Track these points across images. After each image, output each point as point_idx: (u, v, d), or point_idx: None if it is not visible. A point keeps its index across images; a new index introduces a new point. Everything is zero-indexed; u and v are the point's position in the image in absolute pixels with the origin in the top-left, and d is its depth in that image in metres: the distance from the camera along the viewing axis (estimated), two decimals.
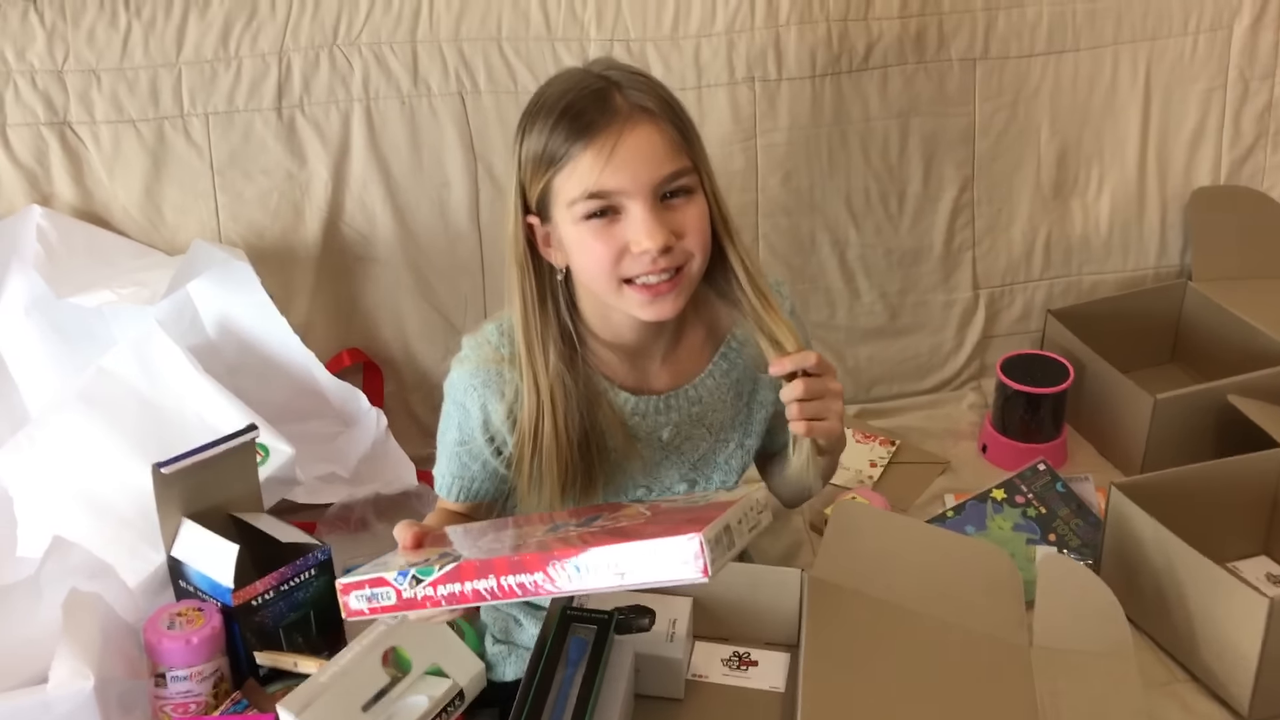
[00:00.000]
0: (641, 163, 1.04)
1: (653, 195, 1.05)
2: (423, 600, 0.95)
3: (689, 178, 1.07)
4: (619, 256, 1.06)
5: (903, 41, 1.71)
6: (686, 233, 1.07)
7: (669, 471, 1.24)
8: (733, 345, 1.22)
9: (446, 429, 1.22)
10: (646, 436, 1.20)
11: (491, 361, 1.16)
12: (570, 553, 0.87)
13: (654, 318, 1.10)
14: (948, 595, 1.26)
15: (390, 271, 1.64)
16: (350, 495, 1.57)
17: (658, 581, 0.86)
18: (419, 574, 0.95)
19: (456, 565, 0.93)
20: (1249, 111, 1.85)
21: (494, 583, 0.91)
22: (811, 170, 1.73)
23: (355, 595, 0.99)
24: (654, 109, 1.05)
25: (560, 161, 1.05)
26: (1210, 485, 1.41)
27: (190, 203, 1.56)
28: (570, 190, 1.05)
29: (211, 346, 1.57)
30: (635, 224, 1.05)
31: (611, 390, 1.18)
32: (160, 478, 1.29)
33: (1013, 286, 1.86)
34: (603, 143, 1.03)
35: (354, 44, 1.56)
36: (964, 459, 1.72)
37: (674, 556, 0.84)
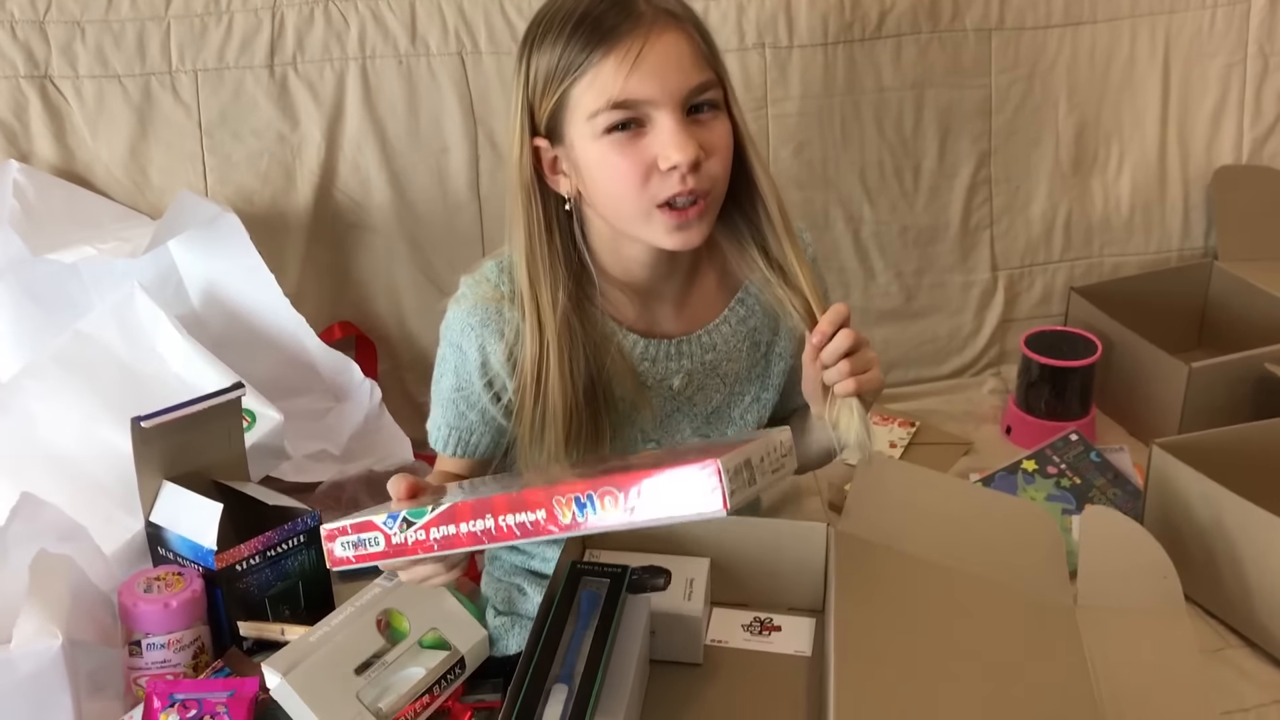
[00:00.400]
0: (670, 70, 0.97)
1: (681, 106, 0.98)
2: (414, 545, 0.87)
3: (715, 91, 1.01)
4: (647, 174, 0.99)
5: (916, 9, 1.66)
6: (714, 151, 1.00)
7: (680, 423, 1.16)
8: (750, 291, 1.15)
9: (442, 374, 1.14)
10: (656, 384, 1.13)
11: (490, 299, 1.08)
12: (576, 487, 0.81)
13: (679, 246, 1.02)
14: (985, 552, 1.17)
15: (385, 241, 1.57)
16: (341, 473, 1.48)
17: (672, 517, 0.79)
18: (410, 516, 0.88)
19: (451, 505, 0.85)
20: (1270, 88, 1.80)
21: (491, 523, 0.84)
22: (825, 142, 1.67)
23: (341, 542, 0.91)
24: (680, 14, 0.99)
25: (578, 70, 0.97)
26: (1253, 446, 1.34)
27: (177, 164, 1.49)
28: (590, 101, 0.98)
29: (196, 318, 1.50)
30: (663, 136, 0.97)
31: (620, 333, 1.10)
32: (140, 433, 1.21)
33: (1032, 268, 1.79)
34: (627, 48, 0.96)
35: (350, 0, 1.50)
36: (987, 440, 1.64)
37: (690, 487, 0.77)
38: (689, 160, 0.97)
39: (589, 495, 0.80)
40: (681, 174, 0.98)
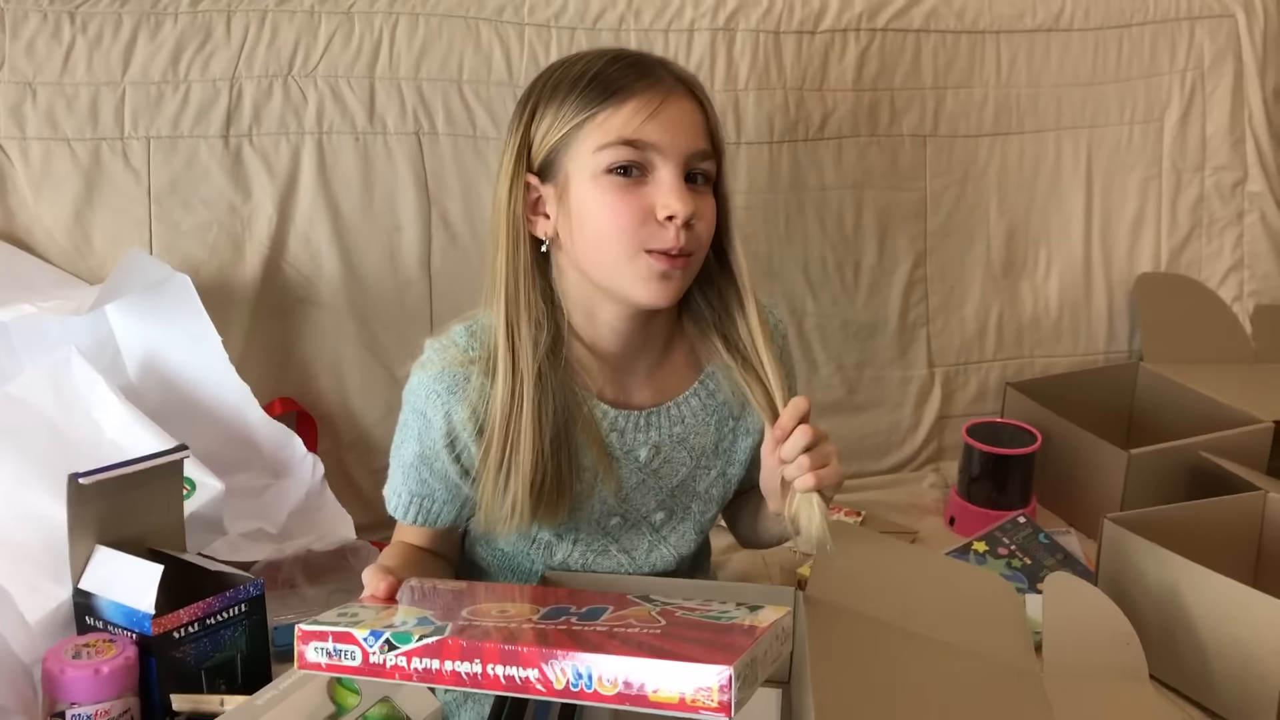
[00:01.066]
0: (682, 129, 1.01)
1: (684, 166, 1.01)
2: (391, 670, 0.83)
3: (712, 165, 1.05)
4: (642, 220, 1.00)
5: (856, 114, 1.73)
6: (702, 218, 1.03)
7: (645, 497, 1.14)
8: (720, 365, 1.15)
9: (404, 441, 1.11)
10: (623, 455, 1.11)
11: (458, 364, 1.06)
12: (574, 651, 0.78)
13: (655, 299, 1.03)
14: (954, 621, 1.17)
15: (332, 317, 1.54)
16: (278, 552, 1.42)
17: (667, 712, 0.76)
18: (394, 639, 0.83)
19: (439, 640, 0.81)
20: (1183, 202, 1.90)
21: (479, 669, 0.80)
22: (770, 236, 1.71)
23: (315, 646, 0.86)
24: (696, 91, 1.05)
25: (593, 110, 1.00)
26: (1200, 523, 1.36)
27: (123, 231, 1.46)
28: (600, 136, 1.00)
29: (132, 389, 1.44)
30: (664, 188, 1.00)
31: (590, 401, 1.09)
32: (77, 489, 1.15)
33: (967, 366, 1.83)
34: (649, 98, 1.00)
35: (310, 75, 1.51)
36: (932, 530, 1.65)
37: (695, 684, 0.74)
38: (687, 214, 1.00)
39: (589, 669, 0.77)
40: (677, 226, 1.00)
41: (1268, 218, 1.94)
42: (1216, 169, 1.91)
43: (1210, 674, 1.21)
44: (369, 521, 1.54)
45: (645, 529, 1.16)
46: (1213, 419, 1.64)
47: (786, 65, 1.70)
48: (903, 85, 1.75)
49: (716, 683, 0.74)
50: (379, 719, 1.06)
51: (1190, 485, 1.54)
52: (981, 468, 1.63)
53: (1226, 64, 1.90)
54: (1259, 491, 1.41)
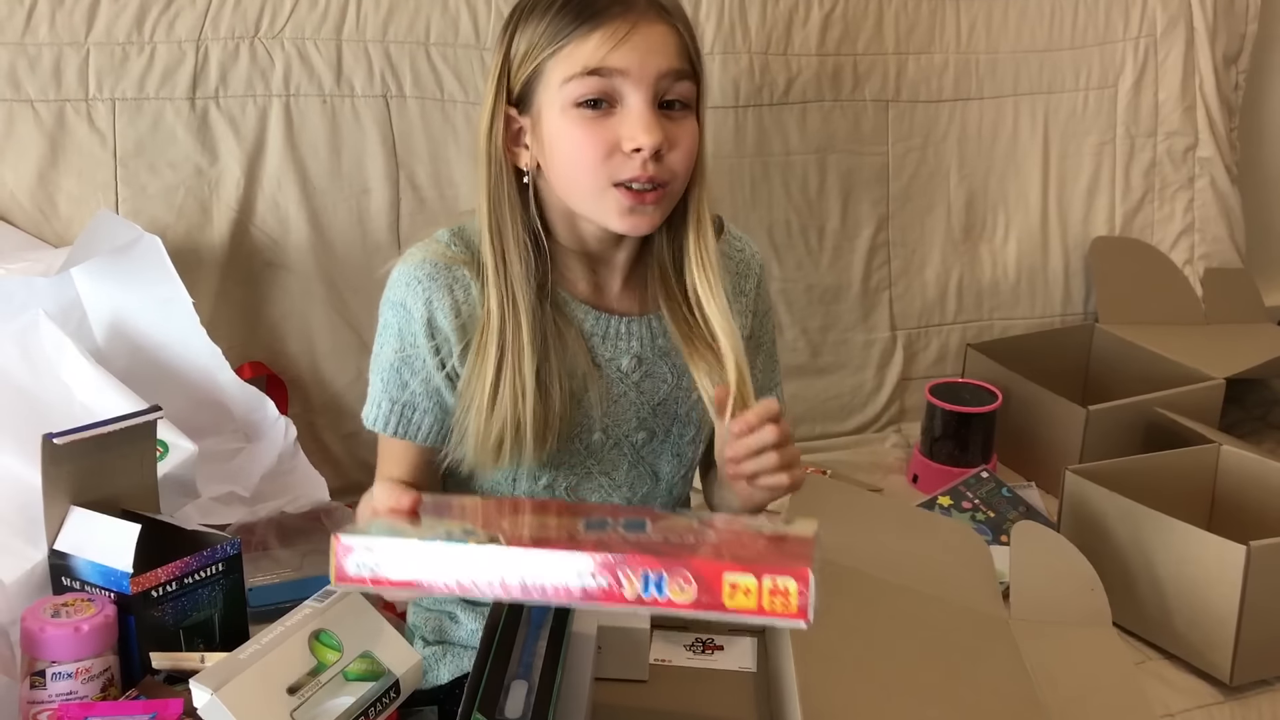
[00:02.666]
0: (652, 52, 0.98)
1: (654, 91, 0.99)
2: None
3: (689, 87, 1.02)
4: (609, 153, 0.99)
5: (820, 78, 1.75)
6: (677, 146, 1.01)
7: (627, 411, 1.13)
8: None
9: (383, 344, 1.10)
10: (605, 363, 1.11)
11: (441, 257, 1.06)
12: (646, 562, 0.75)
13: (629, 230, 1.02)
14: (923, 568, 1.20)
15: (301, 281, 1.54)
16: (251, 515, 1.42)
17: (751, 621, 0.74)
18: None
19: (500, 548, 0.78)
20: (1137, 167, 1.95)
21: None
22: (735, 200, 1.73)
23: (355, 560, 0.82)
24: (671, 9, 1.02)
25: (563, 40, 0.99)
26: (1158, 474, 1.41)
27: (88, 194, 1.44)
28: (567, 67, 0.99)
29: (99, 353, 1.43)
30: (632, 118, 0.98)
31: (573, 303, 1.09)
32: (51, 450, 1.14)
33: (928, 329, 1.87)
34: (617, 25, 0.98)
35: (276, 37, 1.50)
36: (895, 488, 1.68)
37: (774, 590, 0.73)
38: (653, 144, 0.98)
39: (660, 575, 0.74)
40: (644, 159, 0.98)
41: (1217, 183, 1.99)
42: (1169, 134, 1.96)
43: (1170, 617, 1.26)
44: (340, 485, 1.54)
45: (626, 449, 1.15)
46: (1166, 377, 1.69)
47: (751, 29, 1.71)
48: (865, 50, 1.78)
49: (796, 587, 0.73)
50: (360, 673, 1.07)
51: (1146, 440, 1.58)
52: (944, 426, 1.66)
53: (1178, 31, 1.94)
54: (1213, 445, 1.46)
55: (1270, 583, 1.19)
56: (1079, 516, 1.34)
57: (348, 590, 1.11)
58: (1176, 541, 1.23)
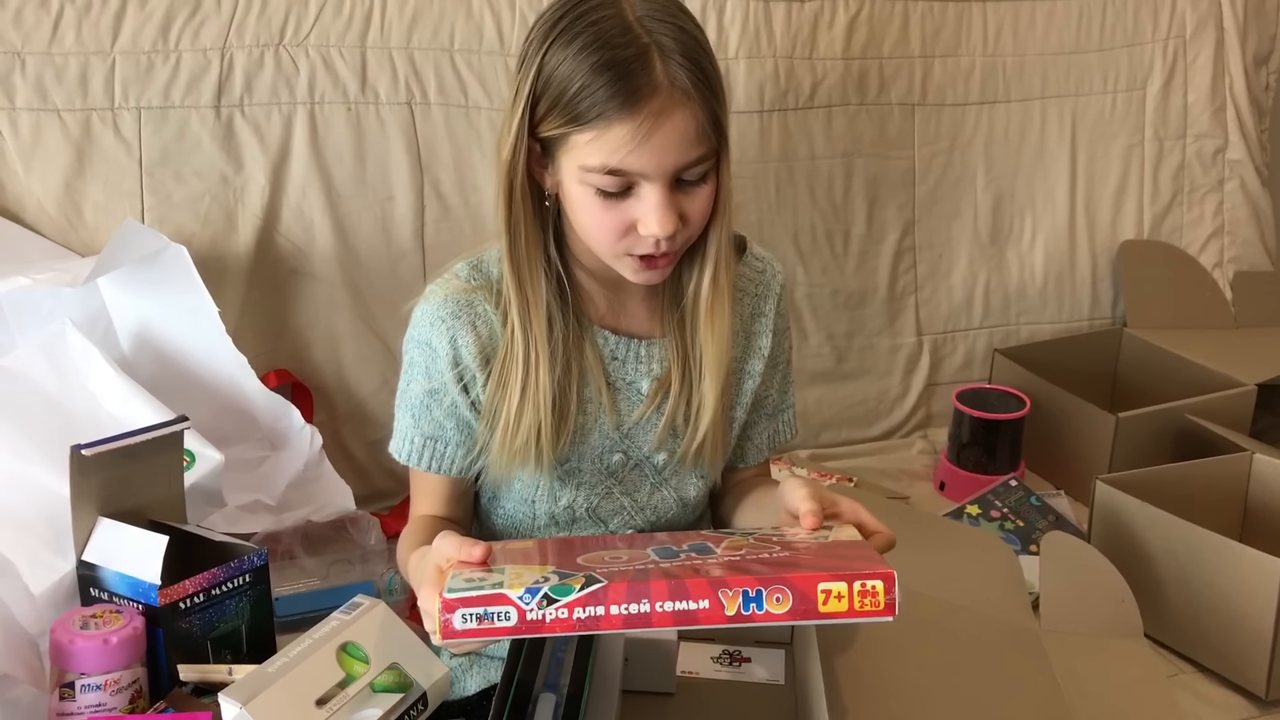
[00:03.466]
0: (669, 149, 0.97)
1: (673, 179, 0.99)
2: (551, 624, 0.82)
3: (709, 163, 1.01)
4: (624, 231, 1.00)
5: (845, 82, 1.74)
6: (691, 219, 1.01)
7: (646, 432, 1.13)
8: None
9: (410, 381, 1.11)
10: (626, 385, 1.11)
11: (461, 292, 1.07)
12: (743, 581, 0.80)
13: (644, 283, 1.05)
14: (952, 580, 1.19)
15: (326, 288, 1.54)
16: (277, 524, 1.42)
17: (840, 622, 0.81)
18: (553, 593, 0.82)
19: (604, 586, 0.82)
20: (1165, 170, 1.93)
21: (647, 607, 0.81)
22: (760, 205, 1.72)
23: (462, 614, 0.84)
24: (692, 89, 0.97)
25: (589, 123, 0.96)
26: (1189, 484, 1.39)
27: (114, 202, 1.45)
28: (589, 157, 0.97)
29: (125, 362, 1.43)
30: (648, 208, 0.98)
31: (593, 327, 1.10)
32: (79, 461, 1.14)
33: (954, 334, 1.85)
34: (639, 124, 0.95)
35: (301, 45, 1.50)
36: (922, 496, 1.67)
37: (862, 590, 0.80)
38: (667, 235, 0.99)
39: (758, 591, 0.80)
40: (656, 241, 1.00)
41: (1247, 185, 1.96)
42: (1198, 137, 1.94)
43: (1203, 630, 1.24)
44: (365, 493, 1.55)
45: (648, 470, 1.15)
46: (1196, 383, 1.67)
47: (776, 33, 1.70)
48: (891, 54, 1.76)
49: (883, 586, 0.80)
50: (387, 685, 1.07)
51: (1176, 447, 1.57)
52: (971, 433, 1.65)
53: (1208, 32, 1.92)
54: (1245, 453, 1.44)
55: None
56: (1110, 526, 1.33)
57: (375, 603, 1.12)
58: (1210, 554, 1.22)
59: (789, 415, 1.23)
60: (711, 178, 1.02)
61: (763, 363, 1.17)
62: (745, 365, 1.17)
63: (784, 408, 1.23)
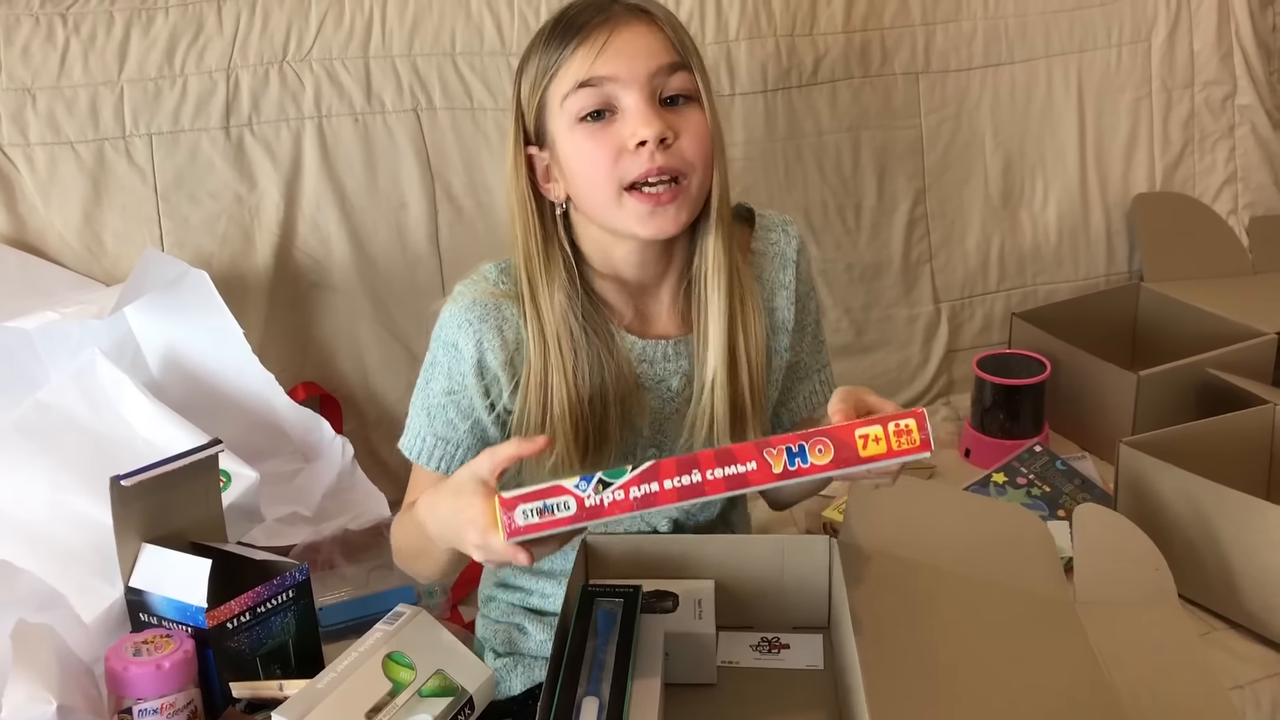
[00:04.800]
0: (636, 53, 1.00)
1: (649, 87, 1.00)
2: (610, 506, 0.86)
3: (687, 79, 1.02)
4: (617, 155, 1.00)
5: (848, 56, 1.74)
6: (684, 132, 1.01)
7: (678, 429, 1.14)
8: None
9: (430, 379, 1.12)
10: (654, 386, 1.13)
11: (489, 296, 1.08)
12: (784, 440, 0.85)
13: (654, 233, 1.03)
14: (983, 555, 1.20)
15: (347, 299, 1.56)
16: (315, 534, 1.45)
17: (885, 464, 0.86)
18: (606, 477, 0.87)
19: (654, 464, 0.86)
20: (1175, 120, 1.92)
21: (698, 476, 0.86)
22: (770, 184, 1.72)
23: (523, 509, 0.87)
24: (652, 11, 1.03)
25: (554, 68, 1.01)
26: (1213, 440, 1.40)
27: (133, 229, 1.47)
28: (562, 87, 1.01)
29: (156, 385, 1.46)
30: (631, 116, 1.00)
31: (618, 334, 1.11)
32: (119, 491, 1.16)
33: (972, 299, 1.86)
34: (595, 38, 1.00)
35: (304, 60, 1.51)
36: (949, 464, 1.68)
37: (897, 430, 0.85)
38: (655, 134, 0.99)
39: (800, 445, 0.85)
40: (650, 150, 0.99)
41: (1258, 129, 1.95)
42: (1206, 84, 1.93)
43: (1235, 588, 1.25)
44: (399, 496, 1.54)
45: None
46: (1216, 334, 1.67)
47: (775, 12, 1.70)
48: (892, 24, 1.76)
49: (916, 424, 0.85)
50: (435, 690, 1.09)
51: (1199, 402, 1.57)
52: (993, 399, 1.66)
53: None
54: (1268, 405, 1.45)
55: None
56: (1136, 490, 1.34)
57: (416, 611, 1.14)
58: (1236, 511, 1.23)
59: (826, 374, 1.24)
60: (696, 108, 1.03)
61: (788, 336, 1.18)
62: (771, 342, 1.17)
63: (818, 367, 1.23)
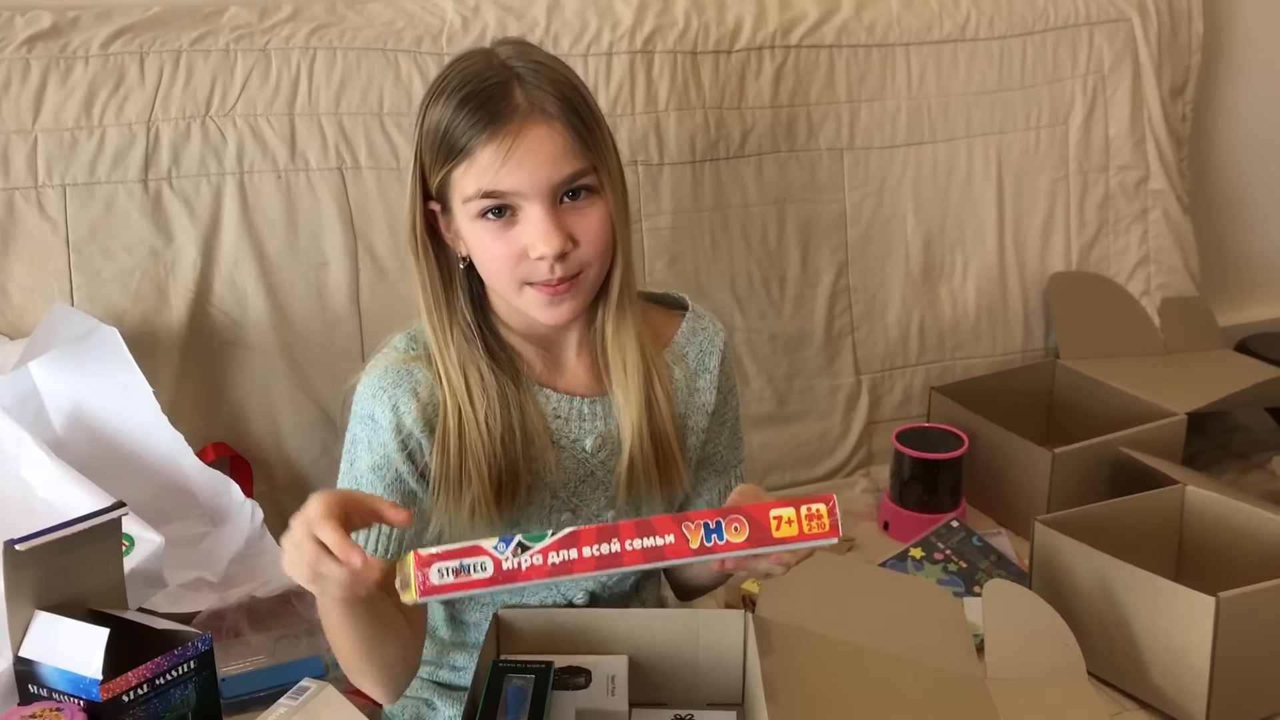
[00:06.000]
0: (537, 164, 1.01)
1: (550, 197, 1.02)
2: (527, 571, 0.86)
3: (589, 178, 1.04)
4: (518, 260, 1.03)
5: (775, 130, 1.76)
6: (583, 239, 1.04)
7: (595, 491, 1.15)
8: (667, 361, 1.16)
9: (355, 457, 1.10)
10: (569, 445, 1.12)
11: (400, 362, 1.09)
12: (703, 515, 0.88)
13: (552, 321, 1.06)
14: (896, 631, 1.20)
15: (262, 359, 1.52)
16: (221, 601, 1.40)
17: (794, 547, 0.89)
18: (526, 540, 0.87)
19: (573, 530, 0.87)
20: (1090, 201, 1.97)
21: (617, 546, 0.87)
22: (696, 254, 1.73)
23: (438, 568, 0.86)
24: (553, 110, 1.02)
25: (458, 156, 1.02)
26: (1125, 519, 1.42)
27: (41, 282, 1.43)
28: (467, 187, 1.02)
29: (59, 443, 1.41)
30: (532, 227, 1.02)
31: (534, 386, 1.11)
32: (12, 556, 1.12)
33: (892, 371, 1.88)
34: (500, 142, 1.00)
35: (228, 115, 1.49)
36: (867, 536, 1.69)
37: (809, 515, 0.88)
38: (554, 251, 1.02)
39: (718, 522, 0.88)
40: (549, 263, 1.02)
41: (1170, 213, 2.01)
42: (1120, 168, 1.98)
43: (1144, 668, 1.26)
44: None
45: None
46: (1129, 413, 1.71)
47: (705, 85, 1.72)
48: (818, 100, 1.79)
49: (827, 509, 0.89)
50: None
51: (1112, 479, 1.60)
52: (912, 473, 1.67)
53: (1125, 66, 1.97)
54: (1177, 485, 1.47)
55: (1241, 630, 1.20)
56: (1049, 567, 1.35)
57: (322, 686, 1.11)
58: (1146, 592, 1.24)
59: (740, 471, 1.25)
60: (598, 202, 1.05)
61: (706, 419, 1.19)
62: (689, 421, 1.18)
63: (734, 463, 1.25)
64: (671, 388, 1.15)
